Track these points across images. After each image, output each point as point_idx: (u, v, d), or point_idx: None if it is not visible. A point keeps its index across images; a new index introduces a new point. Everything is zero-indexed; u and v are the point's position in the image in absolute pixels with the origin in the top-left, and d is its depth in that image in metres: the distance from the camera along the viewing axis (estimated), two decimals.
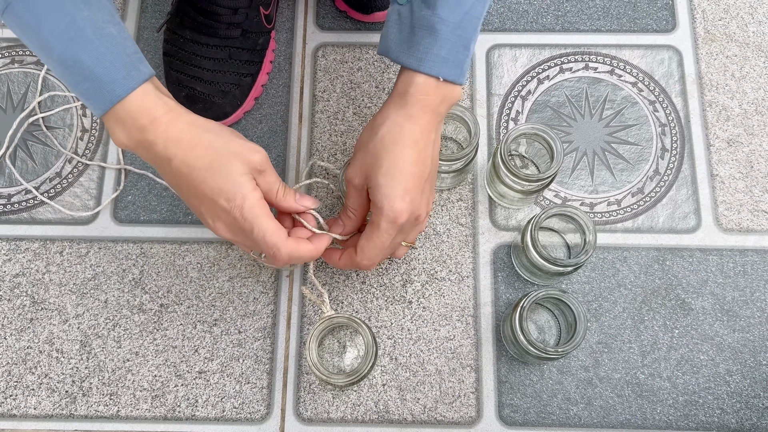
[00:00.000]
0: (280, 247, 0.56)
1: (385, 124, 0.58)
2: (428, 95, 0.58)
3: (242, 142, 0.57)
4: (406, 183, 0.58)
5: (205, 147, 0.55)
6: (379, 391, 0.71)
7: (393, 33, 0.58)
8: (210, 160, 0.55)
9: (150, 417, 0.70)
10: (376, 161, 0.58)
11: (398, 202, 0.58)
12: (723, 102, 0.80)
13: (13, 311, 0.73)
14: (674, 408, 0.70)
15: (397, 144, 0.58)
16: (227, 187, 0.55)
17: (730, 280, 0.74)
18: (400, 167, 0.58)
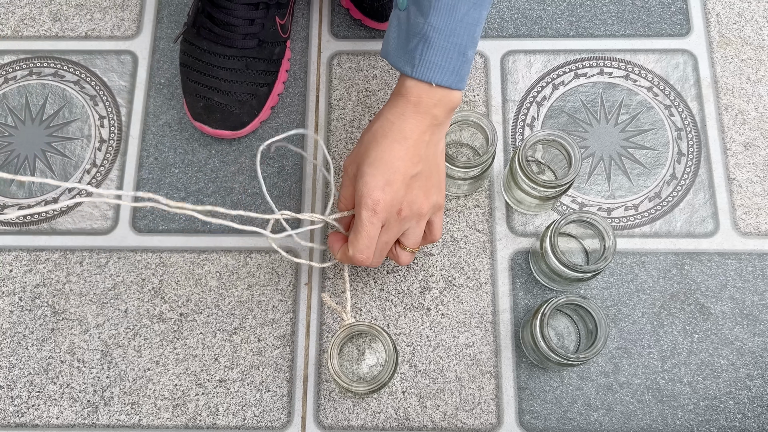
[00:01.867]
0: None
1: (379, 120, 0.61)
2: (421, 97, 0.59)
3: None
4: (389, 175, 0.59)
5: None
6: (399, 399, 0.71)
7: (392, 37, 0.60)
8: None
9: (171, 426, 0.70)
10: (366, 152, 0.60)
11: (377, 192, 0.59)
12: (739, 106, 0.80)
13: (34, 321, 0.74)
14: (695, 413, 0.70)
15: (387, 138, 0.60)
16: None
17: (749, 284, 0.74)
18: (386, 159, 0.59)
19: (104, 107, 0.82)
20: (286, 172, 0.79)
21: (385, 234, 0.62)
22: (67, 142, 0.81)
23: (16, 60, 0.84)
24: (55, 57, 0.85)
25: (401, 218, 0.61)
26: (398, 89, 0.60)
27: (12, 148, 0.81)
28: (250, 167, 0.79)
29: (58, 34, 0.86)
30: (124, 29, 0.86)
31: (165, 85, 0.83)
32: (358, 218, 0.60)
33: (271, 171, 0.79)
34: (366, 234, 0.60)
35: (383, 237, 0.62)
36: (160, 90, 0.83)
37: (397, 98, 0.60)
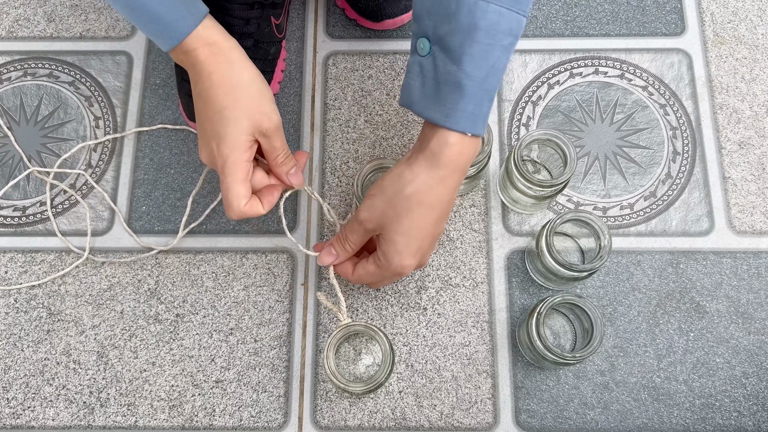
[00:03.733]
0: (233, 208, 0.61)
1: (414, 182, 0.58)
2: (461, 155, 0.57)
3: (261, 103, 0.60)
4: (422, 241, 0.60)
5: (228, 90, 0.59)
6: (396, 398, 0.71)
7: (416, 86, 0.58)
8: (223, 107, 0.59)
9: (168, 427, 0.70)
10: (398, 218, 0.59)
11: (409, 259, 0.60)
12: (733, 104, 0.81)
13: (30, 323, 0.74)
14: (691, 411, 0.70)
15: (423, 206, 0.58)
16: (224, 138, 0.59)
17: (744, 283, 0.74)
18: (421, 227, 0.59)
19: (99, 108, 0.82)
20: None
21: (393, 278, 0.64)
22: (62, 143, 0.81)
23: (11, 61, 0.84)
24: (50, 58, 0.84)
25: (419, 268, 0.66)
26: (436, 146, 0.57)
27: (7, 149, 0.80)
28: None
29: (53, 35, 0.85)
30: (119, 30, 0.85)
31: (160, 86, 0.83)
32: (377, 268, 0.62)
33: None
34: (376, 279, 0.63)
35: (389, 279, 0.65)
36: (155, 90, 0.83)
37: (437, 157, 0.57)
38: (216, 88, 0.59)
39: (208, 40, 0.59)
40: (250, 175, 0.61)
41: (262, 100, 0.60)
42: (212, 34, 0.60)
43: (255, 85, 0.61)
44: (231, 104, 0.59)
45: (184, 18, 0.58)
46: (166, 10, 0.58)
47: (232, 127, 0.59)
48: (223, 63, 0.60)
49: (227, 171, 0.59)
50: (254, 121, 0.59)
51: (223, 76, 0.59)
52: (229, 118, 0.59)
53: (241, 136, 0.59)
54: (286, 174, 0.63)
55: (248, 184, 0.61)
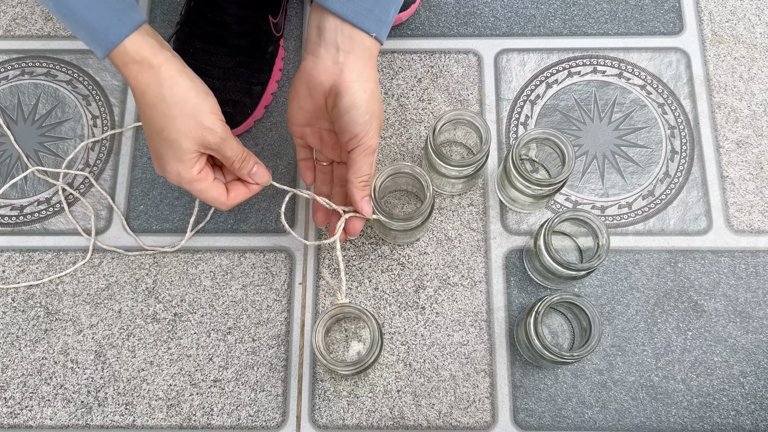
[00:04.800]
0: (219, 206, 0.63)
1: (372, 83, 0.60)
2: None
3: (201, 118, 0.58)
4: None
5: (160, 113, 0.57)
6: (394, 397, 0.71)
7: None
8: (160, 128, 0.58)
9: (166, 426, 0.70)
10: (380, 112, 0.62)
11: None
12: (732, 104, 0.81)
13: (27, 322, 0.74)
14: (689, 410, 0.70)
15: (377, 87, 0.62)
16: (169, 159, 0.59)
17: (742, 282, 0.74)
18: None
19: (97, 107, 0.82)
20: (280, 171, 0.79)
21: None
22: (59, 142, 0.81)
23: (8, 60, 0.84)
24: (47, 56, 0.84)
25: None
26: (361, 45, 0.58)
27: (4, 148, 0.80)
28: None
29: (51, 34, 0.85)
30: None
31: None
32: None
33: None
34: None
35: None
36: None
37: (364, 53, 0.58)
38: (151, 109, 0.58)
39: (135, 57, 0.56)
40: (211, 175, 0.62)
41: (201, 114, 0.58)
42: (140, 49, 0.57)
43: (190, 100, 0.58)
44: (168, 125, 0.57)
45: (114, 27, 0.55)
46: (95, 17, 0.55)
47: (174, 149, 0.58)
48: (153, 82, 0.57)
49: (188, 186, 0.60)
50: (196, 139, 0.58)
51: (154, 96, 0.57)
52: (169, 139, 0.58)
53: (185, 156, 0.59)
54: (249, 175, 0.63)
55: (216, 183, 0.62)
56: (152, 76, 0.57)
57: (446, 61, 0.83)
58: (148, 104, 0.57)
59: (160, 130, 0.58)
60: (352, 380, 0.71)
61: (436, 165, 0.70)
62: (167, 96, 0.57)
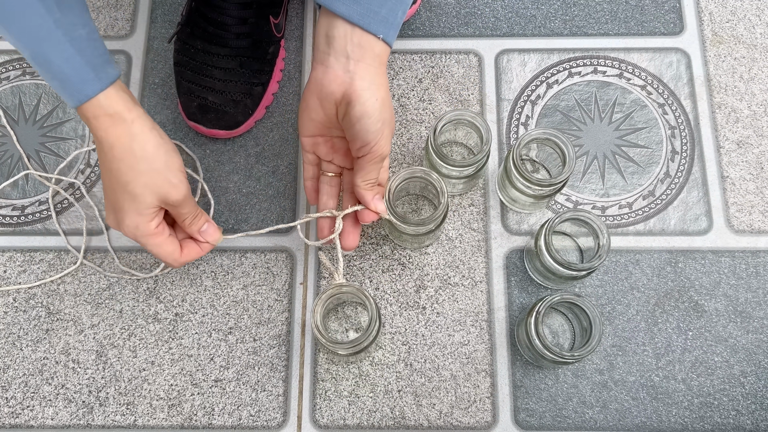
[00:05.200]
0: (171, 263, 0.64)
1: (382, 89, 0.60)
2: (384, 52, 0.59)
3: (169, 175, 0.60)
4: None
5: (128, 167, 0.58)
6: (395, 397, 0.71)
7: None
8: (126, 181, 0.58)
9: (167, 426, 0.70)
10: (391, 119, 0.62)
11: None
12: (732, 104, 0.81)
13: (28, 322, 0.74)
14: (689, 410, 0.70)
15: (388, 96, 0.62)
16: (129, 212, 0.59)
17: (742, 282, 0.74)
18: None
19: None
20: (281, 172, 0.79)
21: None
22: (60, 142, 0.81)
23: (9, 60, 0.84)
24: None
25: None
26: (372, 51, 0.57)
27: (6, 148, 0.80)
28: (245, 167, 0.79)
29: None
30: (118, 29, 0.85)
31: (159, 85, 0.83)
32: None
33: (266, 170, 0.79)
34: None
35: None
36: (154, 90, 0.83)
37: (374, 59, 0.58)
38: (118, 162, 0.58)
39: (108, 111, 0.57)
40: (167, 230, 0.63)
41: (168, 171, 0.60)
42: (114, 103, 0.57)
43: (160, 156, 0.59)
44: (134, 179, 0.58)
45: (91, 81, 0.56)
46: (72, 70, 0.55)
47: (136, 203, 0.59)
48: (124, 136, 0.58)
49: (143, 241, 0.61)
50: (160, 195, 0.60)
51: (124, 150, 0.58)
52: (133, 193, 0.59)
53: (146, 210, 0.59)
54: (199, 232, 0.65)
55: (170, 238, 0.63)
56: (124, 130, 0.58)
57: (447, 61, 0.83)
58: (116, 157, 0.58)
59: (125, 184, 0.58)
60: (353, 380, 0.71)
61: (437, 165, 0.70)
62: (137, 151, 0.58)
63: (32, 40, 0.54)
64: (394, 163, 0.79)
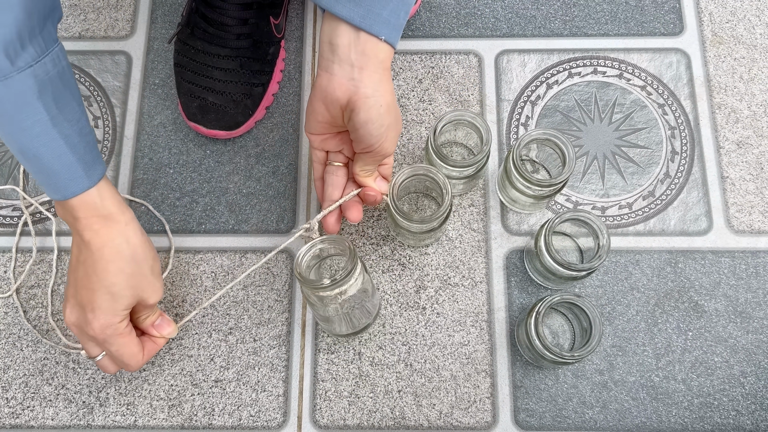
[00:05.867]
0: (133, 366, 0.62)
1: (384, 95, 0.59)
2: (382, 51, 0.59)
3: (153, 279, 0.61)
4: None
5: (117, 269, 0.58)
6: (395, 398, 0.71)
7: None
8: (111, 283, 0.58)
9: (167, 426, 0.70)
10: (395, 124, 0.62)
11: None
12: (732, 104, 0.81)
13: (29, 322, 0.74)
14: (689, 410, 0.70)
15: (393, 103, 0.62)
16: (104, 311, 0.59)
17: (742, 282, 0.74)
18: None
19: (98, 108, 0.82)
20: (281, 172, 0.79)
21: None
22: None
23: None
24: None
25: None
26: (372, 53, 0.57)
27: (6, 148, 0.80)
28: (245, 167, 0.79)
29: None
30: (118, 29, 0.86)
31: (159, 86, 0.83)
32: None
33: (266, 171, 0.79)
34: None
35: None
36: (154, 90, 0.83)
37: (379, 64, 0.58)
38: (106, 263, 0.58)
39: (101, 212, 0.57)
40: (133, 330, 0.62)
41: (153, 275, 0.61)
42: (108, 204, 0.58)
43: (148, 261, 0.60)
44: (121, 281, 0.58)
45: (80, 179, 0.56)
46: (61, 167, 0.55)
47: (115, 303, 0.59)
48: (118, 237, 0.58)
49: (111, 340, 0.60)
50: (140, 297, 0.60)
51: (116, 252, 0.58)
52: (115, 294, 0.58)
53: (122, 311, 0.59)
54: (152, 326, 0.65)
55: (136, 338, 0.62)
56: (117, 232, 0.58)
57: (447, 61, 0.83)
58: (104, 257, 0.58)
59: (109, 285, 0.58)
60: (353, 381, 0.71)
61: (437, 165, 0.70)
62: (127, 253, 0.59)
63: (25, 137, 0.54)
64: (395, 163, 0.79)
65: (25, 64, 0.51)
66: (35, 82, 0.52)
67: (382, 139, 0.60)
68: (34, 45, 0.52)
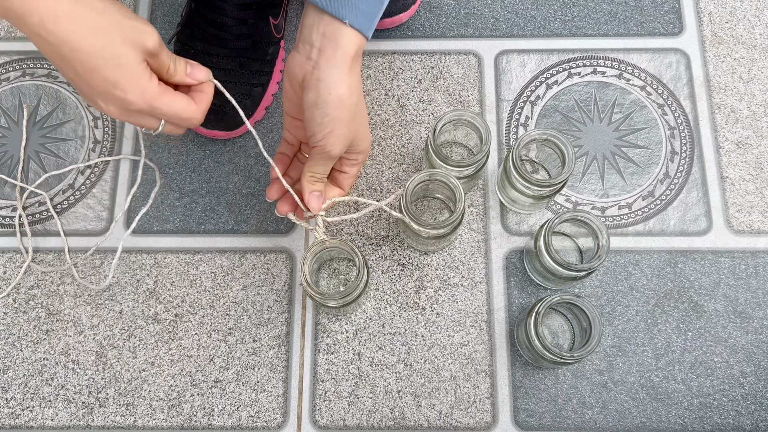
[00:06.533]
0: (192, 114, 0.56)
1: (350, 90, 0.58)
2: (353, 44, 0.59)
3: (133, 22, 0.52)
4: (367, 122, 0.64)
5: (91, 28, 0.49)
6: (395, 398, 0.71)
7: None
8: (100, 46, 0.50)
9: (167, 426, 0.70)
10: (360, 125, 0.62)
11: (370, 138, 0.65)
12: (731, 104, 0.81)
13: (28, 323, 0.74)
14: (689, 411, 0.70)
15: (361, 98, 0.61)
16: (123, 79, 0.51)
17: (742, 282, 0.74)
18: (366, 114, 0.63)
19: None
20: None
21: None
22: (60, 143, 0.81)
23: (9, 61, 0.84)
24: None
25: None
26: (340, 42, 0.56)
27: (6, 149, 0.80)
28: (244, 167, 0.79)
29: None
30: None
31: None
32: (359, 168, 0.67)
33: (266, 171, 0.79)
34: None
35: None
36: None
37: (355, 61, 0.58)
38: (77, 29, 0.49)
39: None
40: (167, 86, 0.55)
41: (127, 16, 0.52)
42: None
43: (115, 6, 0.51)
44: (105, 41, 0.50)
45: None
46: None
47: (123, 65, 0.51)
48: (64, 2, 0.49)
49: (156, 103, 0.53)
50: (138, 44, 0.51)
51: (81, 13, 0.49)
52: (114, 57, 0.50)
53: (137, 69, 0.52)
54: (186, 75, 0.57)
55: (175, 92, 0.55)
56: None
57: (446, 62, 0.83)
58: (70, 28, 0.49)
59: (100, 51, 0.50)
60: (353, 381, 0.71)
61: (437, 165, 0.70)
62: (89, 9, 0.50)
63: None
64: (394, 163, 0.79)
65: None
66: None
67: (326, 132, 0.59)
68: None
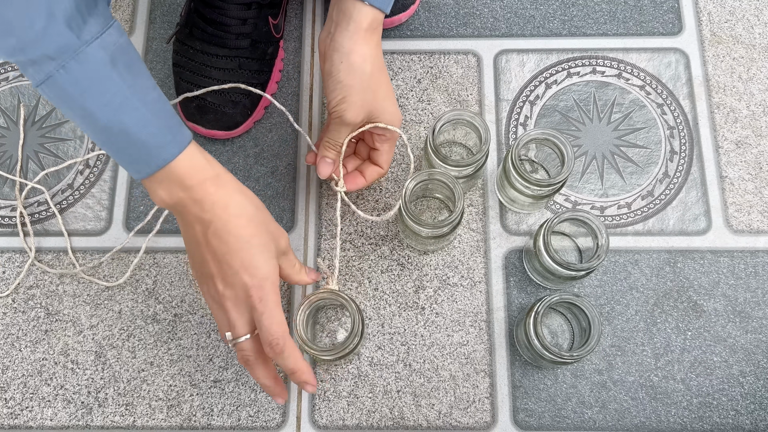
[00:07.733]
0: (283, 342, 0.57)
1: (366, 58, 0.61)
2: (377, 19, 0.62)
3: (276, 224, 0.60)
4: (394, 98, 0.66)
5: (249, 218, 0.57)
6: (394, 398, 0.71)
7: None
8: (251, 234, 0.56)
9: (166, 426, 0.70)
10: (377, 94, 0.63)
11: (398, 114, 0.66)
12: (731, 104, 0.81)
13: (27, 323, 0.74)
14: (688, 410, 0.70)
15: (382, 70, 0.64)
16: (259, 265, 0.56)
17: (741, 282, 0.74)
18: (389, 84, 0.65)
19: None
20: (280, 173, 0.79)
21: None
22: (60, 143, 0.81)
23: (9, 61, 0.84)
24: None
25: None
26: (368, 22, 0.60)
27: (5, 149, 0.80)
28: (243, 167, 0.79)
29: None
30: None
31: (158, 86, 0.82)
32: (390, 145, 0.68)
33: (265, 171, 0.79)
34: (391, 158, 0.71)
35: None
36: None
37: (373, 32, 0.61)
38: (236, 219, 0.56)
39: (211, 173, 0.56)
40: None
41: (272, 221, 0.60)
42: (214, 164, 0.57)
43: (262, 207, 0.59)
44: (255, 232, 0.56)
45: (170, 145, 0.54)
46: (148, 136, 0.53)
47: (265, 253, 0.57)
48: (236, 193, 0.57)
49: (268, 299, 0.56)
50: (276, 242, 0.58)
51: (240, 206, 0.56)
52: (258, 245, 0.56)
53: (273, 261, 0.57)
54: (306, 275, 0.63)
55: (281, 309, 0.59)
56: (232, 188, 0.57)
57: (446, 61, 0.83)
58: (233, 214, 0.56)
59: (250, 237, 0.56)
60: (352, 381, 0.71)
61: (436, 165, 0.70)
62: (250, 205, 0.57)
63: (107, 111, 0.52)
64: (394, 163, 0.79)
65: (91, 36, 0.50)
66: (106, 53, 0.51)
67: (339, 98, 0.62)
68: (94, 17, 0.51)
